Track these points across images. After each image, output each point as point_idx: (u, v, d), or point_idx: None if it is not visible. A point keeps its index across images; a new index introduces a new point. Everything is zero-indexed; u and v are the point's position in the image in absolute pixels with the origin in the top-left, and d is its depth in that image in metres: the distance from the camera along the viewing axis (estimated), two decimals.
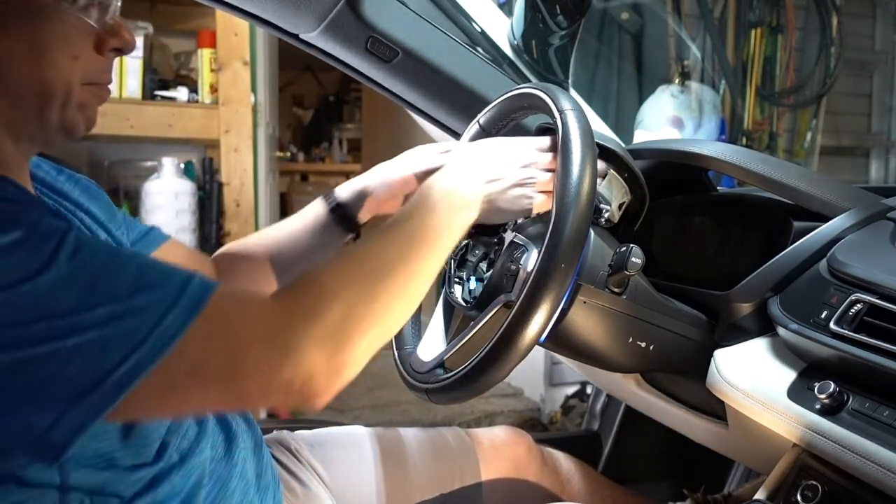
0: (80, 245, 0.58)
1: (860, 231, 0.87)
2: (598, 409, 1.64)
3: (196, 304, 0.59)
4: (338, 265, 0.68)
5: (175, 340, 0.57)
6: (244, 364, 0.60)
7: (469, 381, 0.78)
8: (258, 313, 0.62)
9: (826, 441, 0.72)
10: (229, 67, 2.46)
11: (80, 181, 0.85)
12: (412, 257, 0.72)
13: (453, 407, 2.80)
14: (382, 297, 0.67)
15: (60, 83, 0.66)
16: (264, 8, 1.02)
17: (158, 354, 0.56)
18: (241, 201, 2.53)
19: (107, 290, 0.57)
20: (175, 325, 0.57)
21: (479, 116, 0.98)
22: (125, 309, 0.56)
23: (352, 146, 6.38)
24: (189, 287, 0.60)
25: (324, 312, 0.63)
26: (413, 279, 0.71)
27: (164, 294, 0.58)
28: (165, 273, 0.61)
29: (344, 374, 0.64)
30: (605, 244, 0.86)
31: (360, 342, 0.64)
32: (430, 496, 1.07)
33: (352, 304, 0.64)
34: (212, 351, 0.59)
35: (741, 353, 0.85)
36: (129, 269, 0.59)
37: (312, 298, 0.64)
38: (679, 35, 3.20)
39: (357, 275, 0.67)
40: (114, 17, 0.69)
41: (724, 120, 3.18)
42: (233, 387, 0.60)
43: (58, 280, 0.55)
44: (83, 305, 0.55)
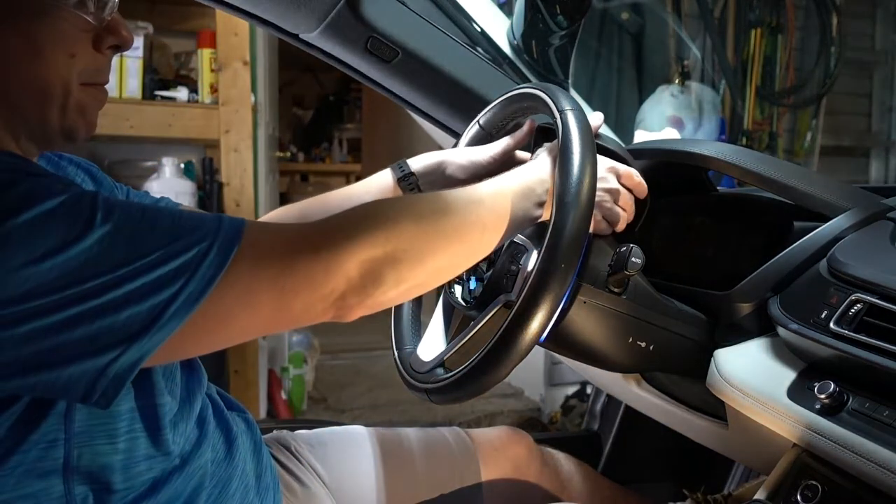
0: (112, 206, 0.60)
1: (860, 231, 0.87)
2: (598, 409, 1.64)
3: (235, 236, 0.63)
4: (398, 204, 0.72)
5: (221, 272, 0.61)
6: (290, 280, 0.64)
7: (469, 381, 0.78)
8: (298, 233, 0.67)
9: (826, 441, 0.72)
10: (229, 67, 2.46)
11: (80, 165, 0.86)
12: (471, 225, 0.74)
13: (453, 407, 2.80)
14: (427, 239, 0.70)
15: (58, 82, 0.66)
16: (264, 8, 1.02)
17: (207, 288, 0.60)
18: (241, 201, 2.53)
19: (149, 239, 0.60)
20: (218, 258, 0.61)
21: (479, 116, 0.98)
22: (169, 253, 0.60)
23: (352, 146, 6.38)
24: (223, 223, 0.63)
25: (367, 235, 0.67)
26: (465, 245, 0.74)
27: (202, 233, 0.62)
28: (197, 216, 0.64)
29: (376, 296, 0.68)
30: (605, 244, 0.86)
31: (396, 271, 0.68)
32: (430, 496, 1.07)
33: (394, 234, 0.68)
34: (256, 274, 0.63)
35: (741, 353, 0.85)
36: (164, 218, 0.62)
37: (358, 221, 0.68)
38: (679, 35, 3.20)
39: (413, 218, 0.70)
40: (112, 13, 0.69)
41: (724, 120, 3.18)
42: (280, 305, 0.65)
43: (101, 239, 0.58)
44: (130, 257, 0.59)
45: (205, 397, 0.85)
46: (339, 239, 0.66)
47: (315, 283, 0.65)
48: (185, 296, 0.60)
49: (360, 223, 0.68)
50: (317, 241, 0.66)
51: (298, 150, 6.28)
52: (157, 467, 0.70)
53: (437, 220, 0.72)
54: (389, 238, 0.68)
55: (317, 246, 0.65)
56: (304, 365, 3.04)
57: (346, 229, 0.67)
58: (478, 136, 0.99)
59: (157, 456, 0.70)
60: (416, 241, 0.69)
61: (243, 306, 0.63)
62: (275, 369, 2.94)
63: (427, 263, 0.71)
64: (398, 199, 0.72)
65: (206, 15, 2.53)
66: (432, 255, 0.71)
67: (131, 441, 0.67)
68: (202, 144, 2.60)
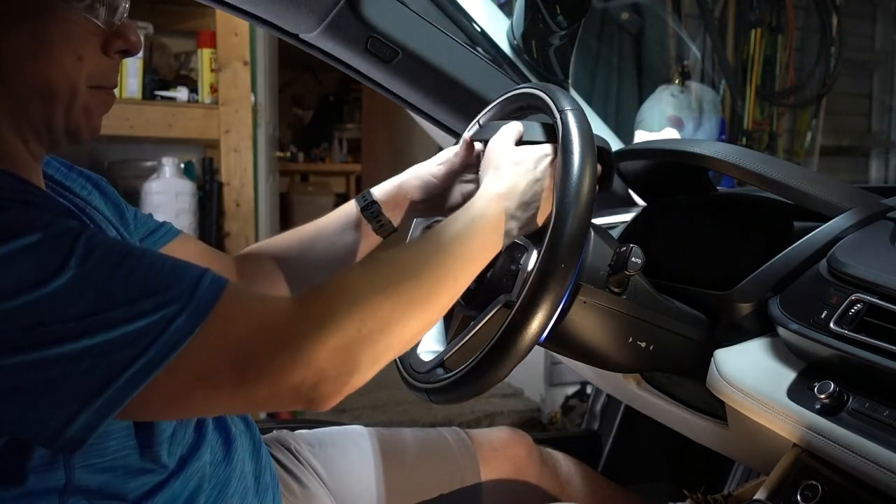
0: (92, 247, 0.58)
1: (860, 231, 0.87)
2: (598, 409, 1.64)
3: (206, 307, 0.59)
4: (360, 273, 0.68)
5: (184, 343, 0.58)
6: (253, 368, 0.60)
7: (469, 381, 0.78)
8: (269, 316, 0.62)
9: (826, 441, 0.72)
10: (229, 67, 2.46)
11: (90, 178, 0.86)
12: (443, 283, 0.72)
13: (453, 407, 2.80)
14: (402, 312, 0.67)
15: (65, 83, 0.66)
16: (264, 8, 1.02)
17: (168, 356, 0.57)
18: (241, 201, 2.53)
19: (118, 292, 0.57)
20: (185, 327, 0.58)
21: (479, 116, 0.98)
22: (136, 311, 0.57)
23: (352, 146, 6.38)
24: (199, 288, 0.60)
25: (338, 320, 0.62)
26: (441, 303, 0.71)
27: (176, 294, 0.59)
28: (177, 273, 0.61)
29: (352, 382, 0.64)
30: (606, 244, 0.86)
31: (372, 353, 0.64)
32: (430, 496, 1.07)
33: (369, 315, 0.64)
34: (220, 354, 0.59)
35: (741, 353, 0.85)
36: (141, 270, 0.59)
37: (329, 305, 0.64)
38: (679, 35, 3.20)
39: (379, 286, 0.67)
40: (122, 18, 0.69)
41: (724, 120, 3.18)
42: (241, 390, 0.61)
43: (71, 284, 0.56)
44: (96, 308, 0.56)
45: None
46: (308, 329, 0.61)
47: (282, 374, 0.60)
48: (143, 362, 0.57)
49: (330, 308, 0.63)
50: (285, 331, 0.61)
51: (298, 150, 6.27)
52: (152, 475, 0.70)
53: (409, 288, 0.68)
54: (364, 320, 0.63)
55: (285, 336, 0.61)
56: None
57: (316, 316, 0.62)
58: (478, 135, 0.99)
59: (155, 468, 0.70)
60: (390, 318, 0.65)
61: (202, 383, 0.60)
62: None
63: (404, 334, 0.68)
64: (365, 270, 0.68)
65: (206, 15, 2.53)
66: (408, 324, 0.68)
67: (126, 457, 0.67)
68: (202, 144, 2.61)
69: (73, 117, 0.67)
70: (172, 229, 0.95)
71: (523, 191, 0.82)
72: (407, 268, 0.70)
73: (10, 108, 0.65)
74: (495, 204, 0.80)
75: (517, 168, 0.83)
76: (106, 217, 0.82)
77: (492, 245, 0.79)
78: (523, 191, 0.82)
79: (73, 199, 0.79)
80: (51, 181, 0.78)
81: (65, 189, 0.80)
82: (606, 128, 1.41)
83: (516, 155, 0.84)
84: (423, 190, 0.98)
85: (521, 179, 0.82)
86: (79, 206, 0.78)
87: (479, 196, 0.81)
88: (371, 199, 0.99)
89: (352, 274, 0.68)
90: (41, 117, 0.66)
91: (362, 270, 0.68)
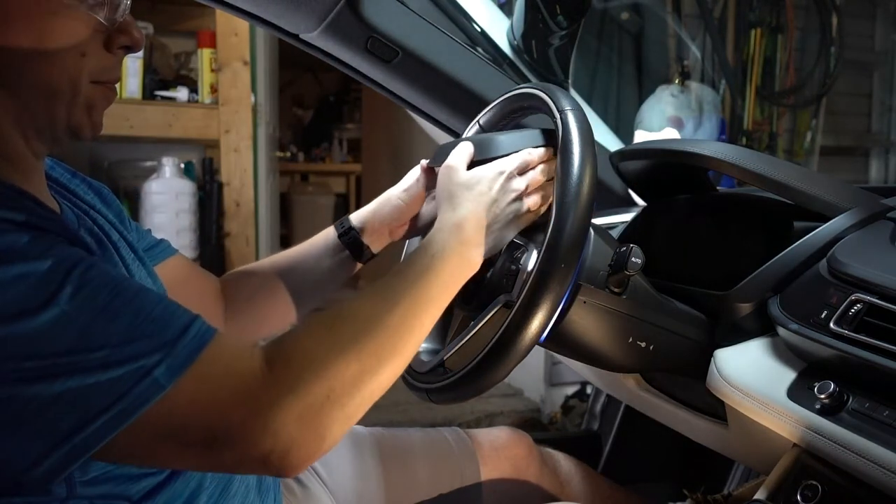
0: (84, 282, 0.57)
1: (860, 231, 0.87)
2: (598, 409, 1.64)
3: (186, 361, 0.58)
4: (326, 332, 0.66)
5: (158, 396, 0.57)
6: (223, 432, 0.59)
7: (469, 381, 0.78)
8: (244, 381, 0.61)
9: (826, 441, 0.72)
10: (229, 67, 2.46)
11: (92, 185, 0.86)
12: (406, 323, 0.70)
13: (453, 407, 2.80)
14: (370, 370, 0.65)
15: (67, 80, 0.66)
16: (264, 8, 1.02)
17: (140, 409, 0.56)
18: (241, 201, 2.53)
19: (102, 334, 0.56)
20: (162, 380, 0.57)
21: (479, 116, 0.98)
22: (116, 357, 0.56)
23: (352, 146, 6.38)
24: (182, 339, 0.59)
25: (307, 388, 0.62)
26: (405, 344, 0.70)
27: (159, 342, 0.58)
28: (164, 320, 0.60)
29: (322, 448, 0.63)
30: (606, 244, 0.86)
31: (341, 416, 0.63)
32: (430, 496, 1.07)
33: (336, 380, 0.63)
34: (193, 413, 0.59)
35: (741, 353, 0.85)
36: (127, 314, 0.58)
37: (297, 372, 0.62)
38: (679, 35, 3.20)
39: (344, 347, 0.65)
40: (124, 15, 0.69)
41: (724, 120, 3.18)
42: (209, 452, 0.60)
43: (57, 320, 0.55)
44: (77, 348, 0.55)
45: None
46: (278, 398, 0.60)
47: (251, 442, 0.59)
48: (115, 412, 0.56)
49: (299, 375, 0.62)
50: (257, 398, 0.60)
51: (298, 150, 6.28)
52: (154, 477, 0.70)
53: (376, 344, 0.67)
54: (332, 386, 0.62)
55: (256, 404, 0.60)
56: None
57: (285, 384, 0.61)
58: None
59: (156, 470, 0.70)
60: (358, 379, 0.64)
61: (170, 439, 0.59)
62: None
63: (374, 390, 0.66)
64: (330, 327, 0.66)
65: (206, 15, 2.53)
66: (377, 379, 0.66)
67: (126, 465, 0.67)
68: (202, 144, 2.61)
69: (75, 114, 0.67)
70: (170, 248, 0.95)
71: (481, 216, 0.80)
72: (372, 321, 0.68)
73: (11, 105, 0.65)
74: (454, 236, 0.78)
75: (471, 193, 0.81)
76: (109, 221, 0.82)
77: (457, 278, 0.77)
78: (481, 216, 0.80)
79: (77, 202, 0.79)
80: (55, 183, 0.78)
81: (69, 192, 0.80)
82: (606, 128, 1.41)
83: (469, 179, 0.83)
84: (395, 215, 0.98)
85: (478, 205, 0.81)
86: (83, 208, 0.78)
87: (436, 230, 0.79)
88: (349, 225, 0.99)
89: (317, 332, 0.66)
90: (43, 114, 0.66)
91: (328, 328, 0.66)
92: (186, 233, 2.43)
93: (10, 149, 0.66)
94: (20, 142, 0.67)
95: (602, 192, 1.27)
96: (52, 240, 0.60)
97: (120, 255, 0.76)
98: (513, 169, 0.84)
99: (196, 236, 2.47)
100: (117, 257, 0.75)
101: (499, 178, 0.83)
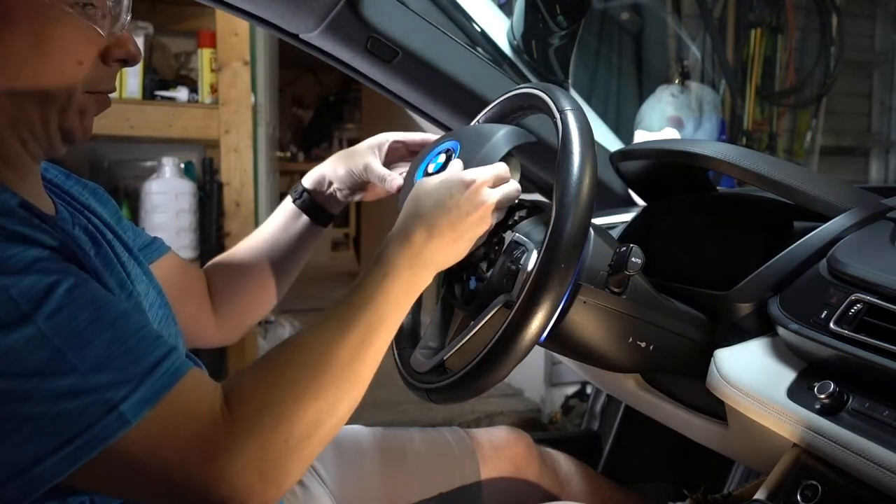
0: (65, 303, 0.57)
1: (860, 231, 0.87)
2: (598, 409, 1.64)
3: (152, 398, 0.58)
4: (283, 371, 0.65)
5: (122, 432, 0.57)
6: (180, 476, 0.59)
7: (469, 381, 0.78)
8: (203, 426, 0.60)
9: (826, 441, 0.72)
10: (229, 67, 2.46)
11: (87, 185, 0.86)
12: (362, 351, 0.69)
13: (453, 407, 2.80)
14: (328, 408, 0.65)
15: (62, 86, 0.66)
16: (264, 8, 1.02)
17: (103, 443, 0.56)
18: (241, 201, 2.53)
19: (74, 359, 0.56)
20: (126, 416, 0.57)
21: (479, 116, 0.98)
22: (84, 386, 0.56)
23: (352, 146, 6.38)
24: (152, 375, 0.59)
25: (266, 433, 0.61)
26: (363, 369, 0.69)
27: (126, 377, 0.57)
28: (137, 352, 0.59)
29: (282, 491, 0.63)
30: (606, 244, 0.86)
31: (299, 459, 0.63)
32: (430, 496, 1.07)
33: (295, 426, 0.63)
34: (152, 453, 0.58)
35: (741, 353, 0.85)
36: (104, 340, 0.58)
37: (256, 417, 0.62)
38: (679, 35, 3.20)
39: (301, 390, 0.64)
40: (123, 28, 0.69)
41: (724, 120, 3.18)
42: (167, 491, 0.60)
43: (30, 338, 0.55)
44: (45, 371, 0.55)
45: None
46: (236, 446, 0.60)
47: (209, 487, 0.59)
48: (76, 446, 0.55)
49: (257, 424, 0.62)
50: (216, 445, 0.60)
51: (298, 150, 6.28)
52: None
53: (333, 380, 0.66)
54: (290, 431, 0.62)
55: (216, 451, 0.60)
56: None
57: (244, 432, 0.61)
58: None
59: None
60: (316, 419, 0.64)
61: (129, 476, 0.59)
62: None
63: (333, 426, 0.66)
64: (282, 371, 0.65)
65: (206, 15, 2.53)
66: (336, 414, 0.66)
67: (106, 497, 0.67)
68: (202, 144, 2.60)
69: (67, 119, 0.67)
70: (163, 246, 0.95)
71: (440, 226, 0.77)
72: (326, 355, 0.67)
73: (8, 107, 0.65)
74: (404, 250, 0.75)
75: (427, 202, 0.78)
76: (104, 221, 0.82)
77: (409, 295, 0.75)
78: (440, 226, 0.77)
79: (72, 202, 0.79)
80: (50, 184, 0.78)
81: (64, 192, 0.80)
82: (606, 128, 1.41)
83: (436, 186, 0.80)
84: (347, 182, 0.99)
85: (437, 215, 0.77)
86: (77, 208, 0.79)
87: (388, 239, 0.77)
88: (302, 189, 1.01)
89: (274, 375, 0.65)
90: (38, 118, 0.66)
91: (283, 369, 0.66)
92: (186, 233, 2.43)
93: (6, 152, 0.66)
94: (17, 144, 0.67)
95: (602, 192, 1.27)
96: (37, 253, 0.58)
97: (115, 254, 0.76)
98: (485, 179, 0.80)
99: (196, 236, 2.47)
100: (112, 256, 0.75)
101: (459, 185, 0.79)
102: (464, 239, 0.79)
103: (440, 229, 0.77)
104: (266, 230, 1.03)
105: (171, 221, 2.40)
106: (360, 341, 0.69)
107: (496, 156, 0.86)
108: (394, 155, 1.02)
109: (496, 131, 0.89)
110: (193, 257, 2.43)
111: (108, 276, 0.70)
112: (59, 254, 0.61)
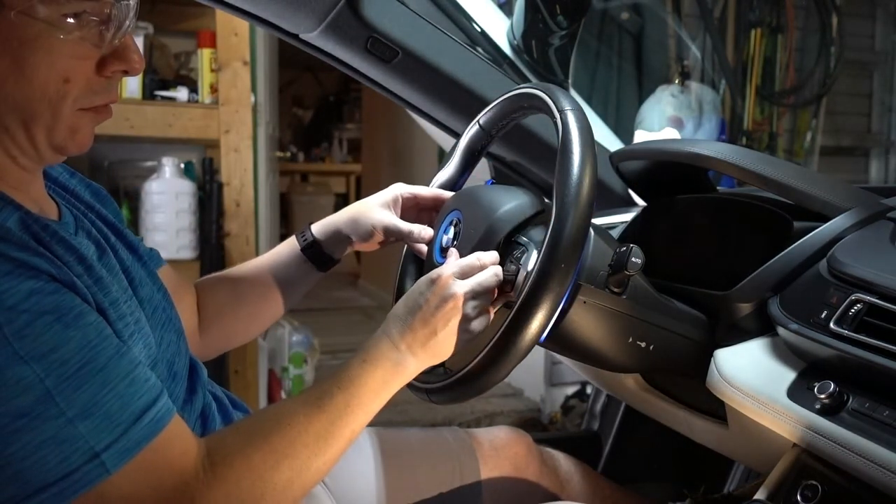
0: (59, 343, 0.57)
1: (860, 231, 0.87)
2: (598, 409, 1.64)
3: (135, 448, 0.59)
4: (266, 437, 0.68)
5: (100, 480, 0.57)
6: None
7: (469, 381, 0.78)
8: (184, 480, 0.62)
9: (826, 441, 0.72)
10: (229, 67, 2.46)
11: (90, 186, 0.86)
12: (335, 429, 0.72)
13: (453, 407, 2.80)
14: (300, 474, 0.69)
15: (46, 106, 0.64)
16: (264, 8, 1.02)
17: (81, 490, 0.57)
18: (241, 201, 2.53)
19: (63, 404, 0.56)
20: (107, 465, 0.58)
21: (479, 116, 0.98)
22: (69, 432, 0.56)
23: (352, 146, 6.39)
24: (136, 426, 0.60)
25: (244, 494, 0.64)
26: (333, 448, 0.72)
27: (110, 425, 0.58)
28: (124, 399, 0.60)
29: None
30: (606, 244, 0.86)
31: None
32: (430, 496, 1.07)
33: (270, 484, 0.66)
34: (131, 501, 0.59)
35: (741, 353, 0.85)
36: (94, 384, 0.58)
37: (236, 478, 0.65)
38: (679, 35, 3.20)
39: (281, 450, 0.68)
40: (121, 37, 0.66)
41: (724, 120, 3.18)
42: None
43: (22, 377, 0.55)
44: (33, 412, 0.55)
45: (209, 395, 0.86)
46: (213, 500, 0.63)
47: None
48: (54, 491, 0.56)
49: (239, 479, 0.65)
50: (193, 499, 0.62)
51: (298, 150, 6.28)
52: None
53: (308, 446, 0.69)
54: (265, 488, 0.65)
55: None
56: (304, 365, 3.04)
57: (224, 486, 0.64)
58: (477, 136, 0.99)
59: None
60: (290, 479, 0.67)
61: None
62: (275, 369, 2.94)
63: (306, 486, 0.70)
64: (270, 429, 0.69)
65: (206, 15, 2.53)
66: (307, 481, 0.70)
67: None
68: (202, 144, 2.60)
69: (55, 137, 0.66)
70: (160, 259, 0.95)
71: (412, 321, 0.79)
72: (304, 427, 0.70)
73: None
74: (389, 342, 0.78)
75: (403, 303, 0.81)
76: (107, 221, 0.81)
77: (389, 385, 0.78)
78: (412, 321, 0.79)
79: (75, 202, 0.79)
80: (54, 183, 0.78)
81: (68, 192, 0.80)
82: (606, 128, 1.41)
83: (416, 286, 0.82)
84: (364, 237, 0.99)
85: (407, 311, 0.80)
86: (80, 209, 0.78)
87: (379, 331, 0.80)
88: (311, 238, 1.01)
89: (256, 439, 0.68)
90: (23, 136, 0.65)
91: (267, 434, 0.68)
92: (186, 233, 2.43)
93: None
94: (7, 161, 0.66)
95: (602, 192, 1.27)
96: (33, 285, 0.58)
97: (118, 258, 0.76)
98: (449, 273, 0.81)
99: (196, 236, 2.47)
100: (115, 262, 0.74)
101: (430, 287, 0.80)
102: (442, 331, 0.79)
103: (413, 325, 0.79)
104: (266, 262, 1.04)
105: (171, 221, 2.39)
106: (336, 418, 0.72)
107: (495, 241, 0.86)
108: (406, 206, 1.01)
109: (498, 208, 0.88)
110: (193, 257, 2.43)
111: (112, 283, 0.69)
112: (57, 281, 0.60)
